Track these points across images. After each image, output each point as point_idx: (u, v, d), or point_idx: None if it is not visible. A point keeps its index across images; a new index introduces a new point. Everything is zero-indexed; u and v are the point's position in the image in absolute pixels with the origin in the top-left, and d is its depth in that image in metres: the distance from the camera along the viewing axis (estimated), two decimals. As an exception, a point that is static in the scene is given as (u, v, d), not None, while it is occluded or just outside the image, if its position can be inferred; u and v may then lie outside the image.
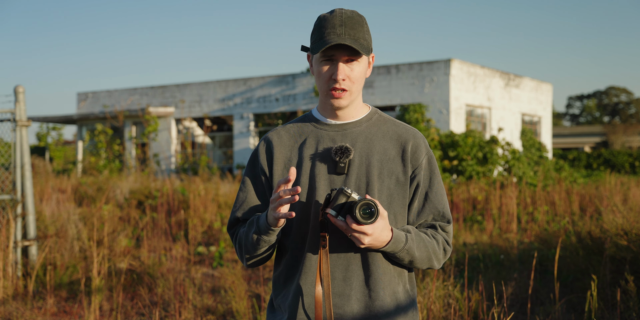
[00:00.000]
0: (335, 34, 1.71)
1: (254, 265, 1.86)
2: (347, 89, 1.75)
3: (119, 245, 6.40)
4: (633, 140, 42.10)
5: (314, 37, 1.76)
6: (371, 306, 1.76)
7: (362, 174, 1.78)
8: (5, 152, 5.84)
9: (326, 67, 1.75)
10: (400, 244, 1.70)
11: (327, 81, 1.75)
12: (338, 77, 1.73)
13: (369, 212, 1.61)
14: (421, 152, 1.83)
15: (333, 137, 1.82)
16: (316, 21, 1.77)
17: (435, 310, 4.09)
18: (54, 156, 28.10)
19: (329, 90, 1.76)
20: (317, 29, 1.75)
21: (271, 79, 21.15)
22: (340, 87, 1.75)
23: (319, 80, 1.78)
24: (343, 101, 1.77)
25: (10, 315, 4.54)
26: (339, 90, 1.75)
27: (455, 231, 8.21)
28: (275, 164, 1.83)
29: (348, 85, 1.75)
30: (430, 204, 1.82)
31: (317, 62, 1.77)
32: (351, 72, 1.75)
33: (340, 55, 1.73)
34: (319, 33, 1.73)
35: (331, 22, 1.72)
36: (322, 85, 1.77)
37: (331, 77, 1.74)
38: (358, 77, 1.77)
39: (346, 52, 1.72)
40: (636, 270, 4.77)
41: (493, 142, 15.31)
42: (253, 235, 1.75)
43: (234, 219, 1.89)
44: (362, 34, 1.74)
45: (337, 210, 1.64)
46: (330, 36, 1.71)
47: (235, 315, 4.57)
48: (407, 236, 1.72)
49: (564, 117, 70.85)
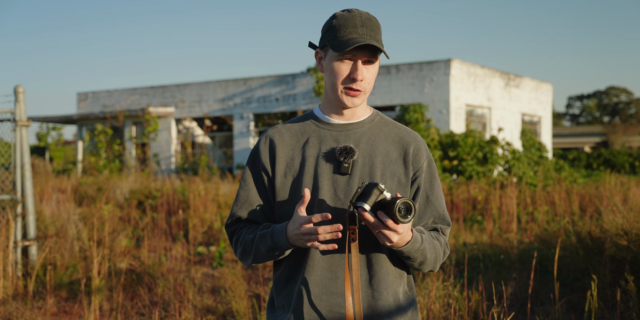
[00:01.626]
0: (357, 33, 1.70)
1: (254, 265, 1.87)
2: (362, 89, 1.77)
3: (119, 245, 6.40)
4: (633, 140, 42.09)
5: (331, 35, 1.74)
6: (374, 306, 1.76)
7: (365, 175, 1.78)
8: (5, 152, 5.84)
9: (345, 66, 1.74)
10: (417, 244, 1.70)
11: (344, 80, 1.75)
12: (358, 77, 1.73)
13: (405, 210, 1.60)
14: (422, 155, 1.84)
15: (336, 137, 1.82)
16: (332, 19, 1.76)
17: (435, 310, 4.09)
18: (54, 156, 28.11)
19: (345, 88, 1.76)
20: (337, 27, 1.73)
21: (271, 79, 21.14)
22: (357, 87, 1.75)
23: (333, 78, 1.76)
24: (357, 100, 1.78)
25: (10, 315, 4.54)
26: (355, 90, 1.76)
27: (455, 231, 8.21)
28: (277, 162, 1.82)
29: (364, 86, 1.77)
30: (431, 206, 1.83)
31: (332, 60, 1.75)
32: (367, 73, 1.76)
33: (360, 56, 1.73)
34: (339, 31, 1.72)
35: (352, 22, 1.72)
36: (336, 83, 1.76)
37: (349, 76, 1.74)
38: (372, 78, 1.78)
39: (367, 52, 1.73)
40: (636, 270, 4.77)
41: (493, 142, 15.31)
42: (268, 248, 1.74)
43: (235, 218, 1.88)
44: (380, 36, 1.75)
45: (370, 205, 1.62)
46: (352, 35, 1.70)
47: (235, 315, 4.57)
48: (422, 237, 1.73)
49: (564, 117, 70.84)
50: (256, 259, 1.80)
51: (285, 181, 1.81)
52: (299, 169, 1.80)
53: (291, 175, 1.81)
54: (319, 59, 1.83)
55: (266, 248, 1.75)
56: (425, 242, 1.73)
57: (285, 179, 1.81)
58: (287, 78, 20.83)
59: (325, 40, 1.77)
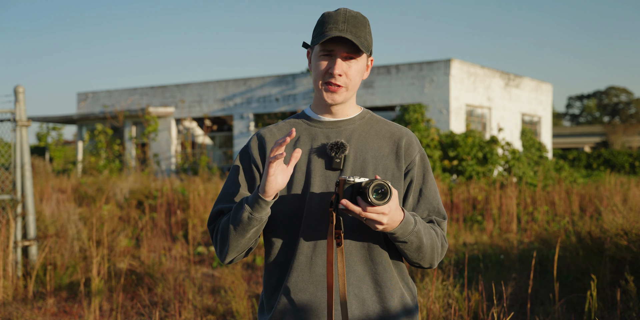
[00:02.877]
0: (337, 29, 1.71)
1: (234, 259, 1.77)
2: (342, 85, 1.75)
3: (118, 245, 6.40)
4: (633, 140, 42.09)
5: (315, 32, 1.77)
6: (371, 305, 1.76)
7: (357, 170, 1.78)
8: (5, 152, 5.84)
9: (324, 62, 1.75)
10: (410, 226, 1.67)
11: (323, 75, 1.75)
12: (335, 72, 1.72)
13: (382, 192, 1.57)
14: (414, 149, 1.84)
15: (327, 133, 1.82)
16: (320, 17, 1.78)
17: (435, 310, 4.09)
18: (54, 156, 28.09)
19: (325, 84, 1.76)
20: (320, 24, 1.75)
21: (271, 79, 21.14)
22: (336, 82, 1.74)
23: (315, 74, 1.77)
24: (337, 96, 1.77)
25: (11, 315, 4.54)
26: (334, 85, 1.75)
27: (455, 231, 8.20)
28: (268, 159, 1.82)
29: (344, 81, 1.75)
30: (425, 199, 1.82)
31: (315, 57, 1.77)
32: (349, 69, 1.75)
33: (339, 51, 1.73)
34: (321, 28, 1.74)
35: (334, 18, 1.73)
36: (317, 79, 1.77)
37: (328, 71, 1.74)
38: (354, 75, 1.76)
39: (345, 48, 1.73)
40: (636, 270, 4.77)
41: (493, 142, 15.30)
42: (242, 216, 1.66)
43: (216, 212, 1.81)
44: (363, 33, 1.74)
45: (348, 197, 1.60)
46: (332, 31, 1.71)
47: (235, 315, 4.57)
48: (416, 219, 1.71)
49: (564, 117, 70.83)
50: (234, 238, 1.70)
51: None
52: None
53: None
54: (309, 58, 1.84)
55: (240, 215, 1.66)
56: (419, 224, 1.70)
57: None
58: (287, 78, 20.83)
59: (312, 39, 1.79)
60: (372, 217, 1.58)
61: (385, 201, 1.56)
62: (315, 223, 1.74)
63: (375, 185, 1.56)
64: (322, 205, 1.74)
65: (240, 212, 1.67)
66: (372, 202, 1.55)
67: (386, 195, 1.56)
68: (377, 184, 1.56)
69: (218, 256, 1.79)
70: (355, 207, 1.58)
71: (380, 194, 1.56)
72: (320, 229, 1.74)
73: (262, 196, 1.64)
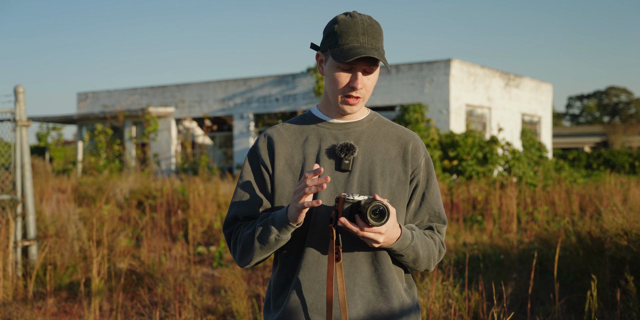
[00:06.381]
0: (358, 42, 1.70)
1: (252, 266, 1.84)
2: (361, 96, 1.78)
3: (118, 245, 6.40)
4: (633, 140, 42.09)
5: (332, 41, 1.74)
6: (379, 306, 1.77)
7: (365, 172, 1.79)
8: (5, 152, 5.84)
9: (344, 74, 1.75)
10: (407, 241, 1.72)
11: (344, 88, 1.76)
12: (357, 86, 1.74)
13: (379, 212, 1.61)
14: (420, 153, 1.86)
15: (336, 135, 1.83)
16: (333, 24, 1.75)
17: (435, 310, 4.09)
18: (54, 156, 28.09)
19: (345, 97, 1.77)
20: (338, 34, 1.73)
21: (271, 79, 21.14)
22: (356, 95, 1.76)
23: (334, 85, 1.77)
24: (356, 108, 1.80)
25: (11, 315, 4.54)
26: (354, 98, 1.77)
27: (455, 231, 8.21)
28: (277, 159, 1.82)
29: (363, 93, 1.78)
30: (427, 204, 1.85)
31: (332, 67, 1.76)
32: (367, 81, 1.77)
33: (360, 66, 1.74)
34: (340, 38, 1.72)
35: (354, 29, 1.72)
36: (336, 90, 1.77)
37: (349, 85, 1.75)
38: (372, 85, 1.79)
39: (367, 62, 1.73)
40: (636, 270, 4.77)
41: (493, 142, 15.30)
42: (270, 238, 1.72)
43: (232, 217, 1.86)
44: (381, 44, 1.75)
45: (347, 216, 1.64)
46: (353, 44, 1.70)
47: (235, 315, 4.57)
48: (413, 233, 1.75)
49: (564, 117, 70.84)
50: (258, 253, 1.77)
51: (285, 178, 1.81)
52: (300, 166, 1.81)
53: (291, 173, 1.81)
54: (320, 61, 1.83)
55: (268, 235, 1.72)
56: (416, 239, 1.75)
57: (284, 175, 1.81)
58: (287, 78, 20.83)
59: (326, 45, 1.77)
60: (369, 236, 1.63)
61: (382, 222, 1.61)
62: (323, 223, 1.76)
63: (373, 206, 1.60)
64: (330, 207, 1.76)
65: (267, 233, 1.72)
66: (370, 223, 1.60)
67: (384, 215, 1.61)
68: (374, 205, 1.60)
69: (237, 262, 1.85)
70: (353, 226, 1.63)
71: (378, 215, 1.61)
72: (327, 228, 1.76)
73: (291, 224, 1.69)
